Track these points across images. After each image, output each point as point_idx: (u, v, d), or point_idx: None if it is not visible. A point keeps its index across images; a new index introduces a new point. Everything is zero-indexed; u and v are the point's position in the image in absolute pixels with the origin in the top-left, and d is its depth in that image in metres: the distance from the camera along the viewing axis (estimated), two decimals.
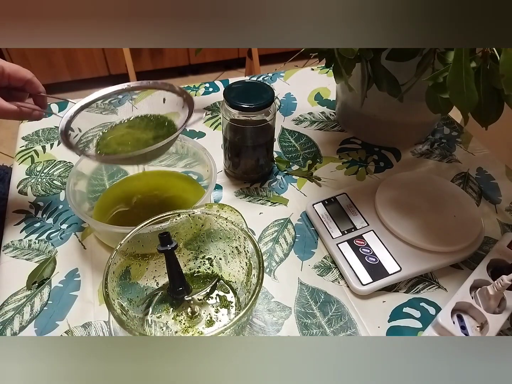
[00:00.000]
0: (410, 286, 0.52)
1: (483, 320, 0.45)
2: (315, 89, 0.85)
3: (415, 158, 0.70)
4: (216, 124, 0.76)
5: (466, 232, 0.53)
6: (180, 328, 0.45)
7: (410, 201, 0.57)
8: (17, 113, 0.50)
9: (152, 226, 0.43)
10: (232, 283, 0.48)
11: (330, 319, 0.48)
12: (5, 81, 0.50)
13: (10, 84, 0.51)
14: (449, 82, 0.41)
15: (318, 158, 0.69)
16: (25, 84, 0.51)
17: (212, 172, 0.55)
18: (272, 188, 0.64)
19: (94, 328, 0.47)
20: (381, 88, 0.54)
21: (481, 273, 0.48)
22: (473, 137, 0.74)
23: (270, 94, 0.56)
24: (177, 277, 0.44)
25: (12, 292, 0.51)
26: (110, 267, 0.40)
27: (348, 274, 0.51)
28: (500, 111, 0.45)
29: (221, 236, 0.47)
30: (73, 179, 0.54)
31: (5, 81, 0.50)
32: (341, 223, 0.56)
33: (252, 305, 0.37)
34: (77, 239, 0.57)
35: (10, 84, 0.51)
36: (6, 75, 0.49)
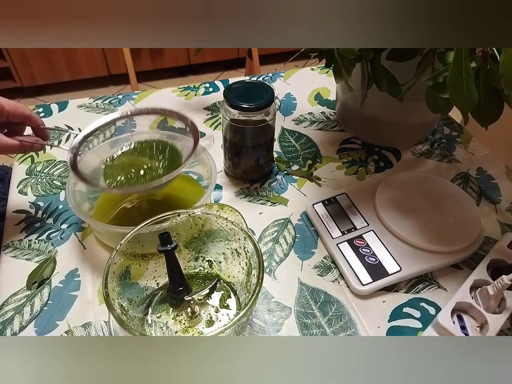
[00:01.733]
0: (410, 286, 0.52)
1: (483, 320, 0.45)
2: (315, 89, 0.85)
3: (415, 158, 0.70)
4: (216, 124, 0.76)
5: (466, 232, 0.53)
6: (180, 328, 0.45)
7: (410, 201, 0.57)
8: (19, 148, 0.50)
9: (152, 226, 0.43)
10: (232, 283, 0.48)
11: (330, 319, 0.48)
12: (4, 118, 0.50)
13: (8, 120, 0.51)
14: (449, 82, 0.41)
15: (318, 158, 0.69)
16: (24, 119, 0.51)
17: (212, 172, 0.55)
18: (272, 188, 0.64)
19: (94, 328, 0.47)
20: (381, 88, 0.54)
21: (481, 273, 0.48)
22: (473, 137, 0.74)
23: (270, 94, 0.57)
24: (177, 277, 0.44)
25: (12, 292, 0.51)
26: (110, 267, 0.40)
27: (348, 274, 0.51)
28: (500, 111, 0.45)
29: (221, 236, 0.47)
30: (73, 179, 0.54)
31: (3, 118, 0.50)
32: (341, 223, 0.56)
33: (252, 305, 0.37)
34: (77, 239, 0.57)
35: (8, 120, 0.51)
36: (6, 113, 0.49)
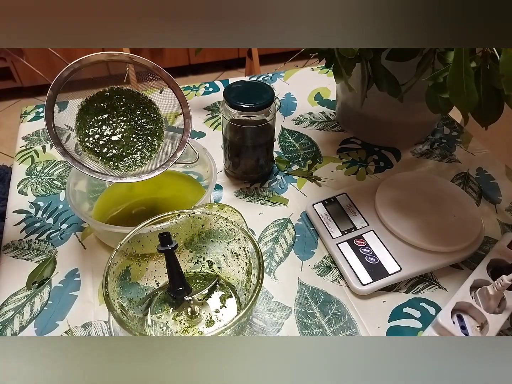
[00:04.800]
0: (410, 286, 0.52)
1: (483, 320, 0.45)
2: (315, 89, 0.85)
3: (415, 158, 0.70)
4: (216, 124, 0.76)
5: (466, 232, 0.53)
6: (180, 328, 0.45)
7: (410, 201, 0.57)
8: None
9: (152, 226, 0.43)
10: (232, 283, 0.48)
11: (330, 319, 0.48)
12: None
13: None
14: (449, 82, 0.41)
15: (318, 158, 0.69)
16: None
17: (212, 172, 0.55)
18: (272, 188, 0.64)
19: (94, 328, 0.47)
20: (381, 88, 0.54)
21: (481, 273, 0.48)
22: (473, 137, 0.74)
23: (270, 94, 0.56)
24: (177, 277, 0.44)
25: (12, 292, 0.51)
26: (110, 267, 0.40)
27: (348, 274, 0.51)
28: (500, 111, 0.45)
29: (221, 236, 0.47)
30: (73, 179, 0.54)
31: None
32: (341, 223, 0.56)
33: (252, 305, 0.37)
34: (77, 239, 0.57)
35: None
36: None
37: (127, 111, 0.51)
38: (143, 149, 0.51)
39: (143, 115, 0.51)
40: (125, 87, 0.51)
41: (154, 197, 0.60)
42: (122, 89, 0.51)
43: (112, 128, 0.50)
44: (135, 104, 0.51)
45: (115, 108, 0.50)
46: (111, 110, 0.50)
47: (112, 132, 0.50)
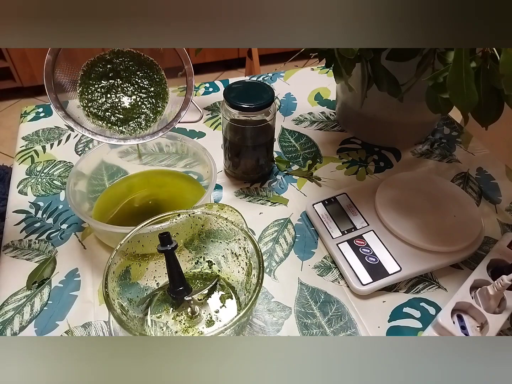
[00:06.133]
0: (410, 286, 0.52)
1: (483, 320, 0.45)
2: (315, 89, 0.85)
3: (415, 158, 0.70)
4: (216, 124, 0.76)
5: (466, 232, 0.53)
6: (180, 328, 0.45)
7: (410, 201, 0.57)
8: None
9: (152, 226, 0.43)
10: (232, 283, 0.48)
11: (330, 319, 0.48)
12: None
13: None
14: (449, 82, 0.41)
15: (318, 158, 0.69)
16: None
17: (212, 172, 0.55)
18: (272, 188, 0.64)
19: (94, 328, 0.47)
20: (381, 88, 0.54)
21: (481, 273, 0.48)
22: (473, 137, 0.74)
23: (270, 94, 0.56)
24: (177, 277, 0.44)
25: (12, 292, 0.51)
26: (110, 267, 0.40)
27: (348, 274, 0.51)
28: (500, 111, 0.45)
29: (221, 236, 0.47)
30: (73, 179, 0.54)
31: None
32: (341, 223, 0.56)
33: (252, 305, 0.37)
34: (77, 239, 0.57)
35: None
36: None
37: (130, 74, 0.50)
38: (147, 111, 0.50)
39: (146, 76, 0.50)
40: (126, 49, 0.49)
41: (154, 197, 0.60)
42: (123, 51, 0.49)
43: (115, 91, 0.49)
44: (137, 65, 0.50)
45: (117, 71, 0.49)
46: (114, 74, 0.49)
47: (116, 96, 0.49)
